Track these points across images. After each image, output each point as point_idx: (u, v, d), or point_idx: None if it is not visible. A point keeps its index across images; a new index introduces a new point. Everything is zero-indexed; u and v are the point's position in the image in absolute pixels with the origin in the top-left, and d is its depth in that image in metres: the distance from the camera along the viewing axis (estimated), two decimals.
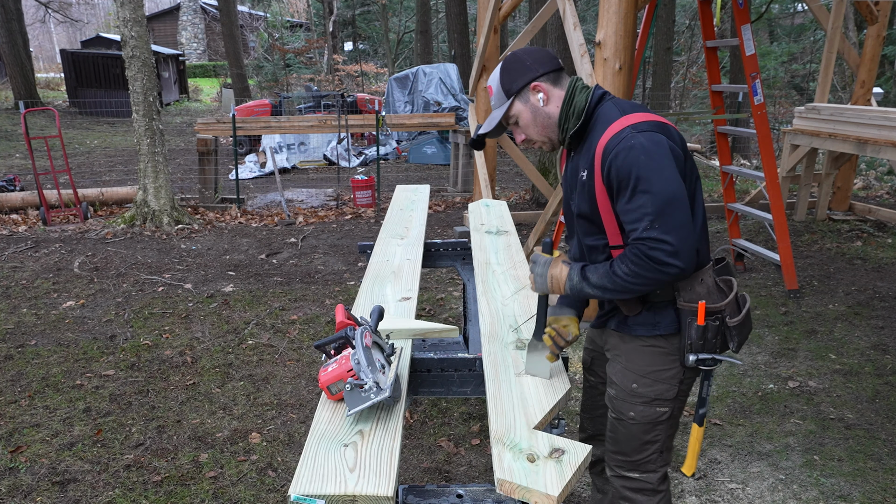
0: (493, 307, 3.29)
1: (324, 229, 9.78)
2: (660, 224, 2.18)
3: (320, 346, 2.52)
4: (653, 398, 2.52)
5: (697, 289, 2.40)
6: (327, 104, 18.39)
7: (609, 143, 2.28)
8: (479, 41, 8.30)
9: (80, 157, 16.54)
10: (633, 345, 2.54)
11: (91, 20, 58.22)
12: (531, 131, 2.50)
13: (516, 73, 2.45)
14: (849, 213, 9.51)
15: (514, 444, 2.17)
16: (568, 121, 2.43)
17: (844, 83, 17.49)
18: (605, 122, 2.35)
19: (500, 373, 2.65)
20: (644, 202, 2.20)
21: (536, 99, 2.44)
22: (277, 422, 4.60)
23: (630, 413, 2.56)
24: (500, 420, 2.32)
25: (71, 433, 4.46)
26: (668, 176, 2.20)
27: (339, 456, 2.13)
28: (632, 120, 2.29)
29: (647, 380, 2.51)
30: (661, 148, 2.23)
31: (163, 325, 6.24)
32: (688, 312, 2.40)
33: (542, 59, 2.46)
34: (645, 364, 2.52)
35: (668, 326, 2.46)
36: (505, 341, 2.91)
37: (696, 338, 2.40)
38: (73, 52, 27.15)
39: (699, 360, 2.43)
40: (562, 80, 2.47)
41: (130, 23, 9.18)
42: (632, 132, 2.25)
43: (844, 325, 5.98)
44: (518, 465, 2.06)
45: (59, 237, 9.21)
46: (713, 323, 2.40)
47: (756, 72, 6.47)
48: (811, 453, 4.13)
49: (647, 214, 2.20)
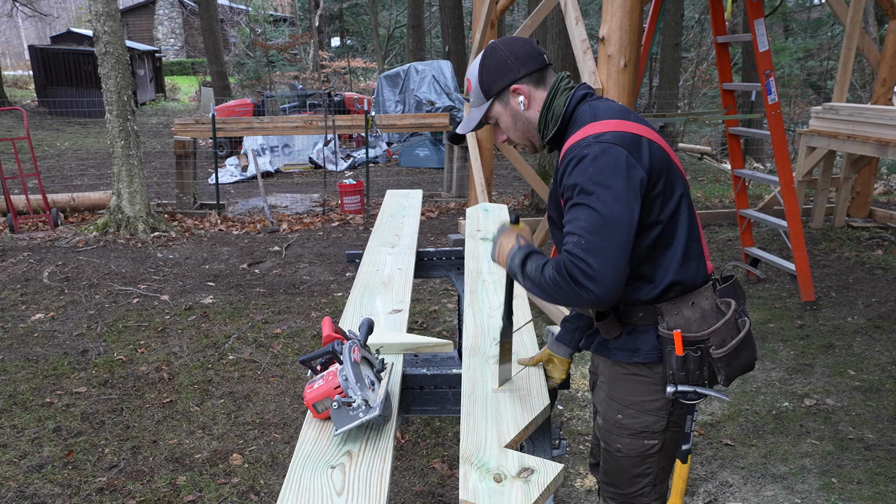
0: (479, 319, 3.32)
1: (309, 237, 9.79)
2: (586, 243, 2.13)
3: (306, 361, 2.53)
4: (640, 430, 2.47)
5: (686, 313, 2.35)
6: (313, 104, 18.42)
7: (568, 151, 2.27)
8: (474, 36, 8.33)
9: (49, 159, 16.54)
10: (615, 371, 2.50)
11: (61, 14, 58.30)
12: (512, 134, 2.50)
13: (496, 74, 2.42)
14: (869, 220, 9.53)
15: (482, 463, 2.20)
16: (546, 126, 2.42)
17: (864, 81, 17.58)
18: (577, 126, 2.33)
19: (476, 388, 2.67)
20: (579, 216, 2.17)
21: (517, 102, 2.43)
22: (260, 442, 4.60)
23: (617, 445, 2.52)
24: (471, 438, 2.34)
25: (40, 454, 4.46)
26: (614, 195, 2.14)
27: (325, 478, 2.13)
28: (598, 128, 2.25)
29: (632, 410, 2.47)
30: (617, 163, 2.17)
31: (138, 339, 6.24)
32: (667, 340, 2.35)
33: (525, 58, 2.41)
34: (628, 393, 2.47)
35: (649, 354, 2.41)
36: (486, 355, 2.92)
37: (677, 368, 2.34)
38: (43, 48, 27.11)
39: (678, 393, 2.35)
40: (545, 79, 2.43)
41: (103, 17, 9.19)
42: (592, 142, 2.22)
43: (864, 339, 6.00)
44: (483, 486, 2.08)
45: (27, 245, 9.20)
46: (693, 353, 2.33)
47: (770, 69, 6.50)
48: (829, 476, 4.15)
49: (580, 229, 2.16)
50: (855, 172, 9.33)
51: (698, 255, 2.39)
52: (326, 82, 29.33)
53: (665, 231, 2.29)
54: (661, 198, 2.27)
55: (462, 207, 11.42)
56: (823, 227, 9.35)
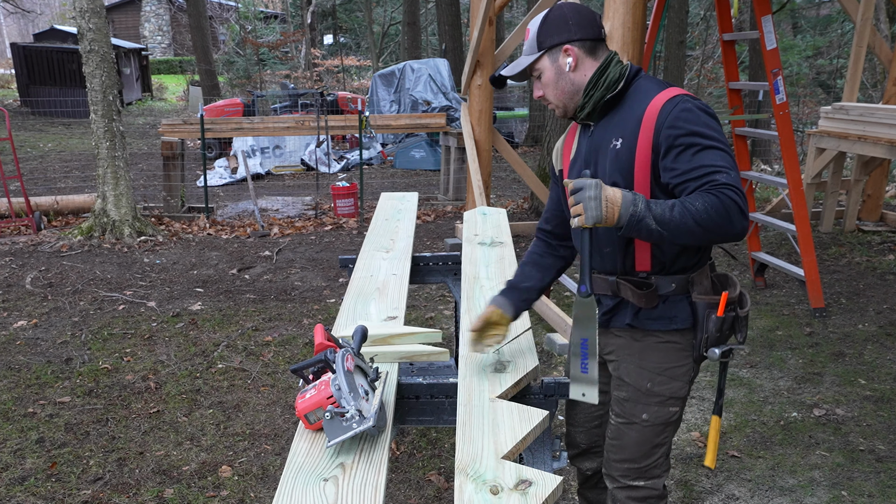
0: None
1: (301, 241, 9.80)
2: (735, 177, 2.34)
3: (297, 370, 2.53)
4: (668, 397, 2.72)
5: (705, 283, 2.66)
6: (305, 103, 18.43)
7: (665, 106, 2.46)
8: (472, 34, 8.35)
9: (32, 161, 16.54)
10: (648, 342, 2.71)
11: (45, 11, 58.31)
12: (549, 91, 2.68)
13: (555, 29, 2.62)
14: (880, 224, 9.56)
15: (478, 474, 2.20)
16: (597, 89, 2.60)
17: (875, 80, 17.63)
18: (648, 92, 2.55)
19: (473, 397, 2.67)
20: (716, 157, 2.36)
21: (564, 62, 2.62)
22: (250, 454, 4.60)
23: (643, 415, 2.74)
24: (467, 448, 2.34)
25: (22, 466, 4.46)
26: (726, 141, 2.42)
27: (318, 491, 2.13)
28: (679, 91, 2.51)
29: (663, 377, 2.70)
30: (714, 116, 2.47)
31: (124, 347, 6.24)
32: (704, 305, 2.63)
33: (585, 24, 2.62)
34: (660, 361, 2.70)
35: (685, 321, 2.66)
36: (484, 363, 2.93)
37: (714, 330, 2.62)
38: (25, 45, 27.09)
39: (723, 354, 2.64)
40: (598, 50, 2.64)
41: (88, 13, 9.20)
42: (687, 98, 2.48)
43: (875, 347, 6.02)
44: (479, 498, 2.09)
45: (9, 250, 9.20)
46: (731, 314, 2.64)
47: (778, 68, 6.51)
48: (839, 488, 4.15)
49: (724, 167, 2.35)
50: (866, 174, 9.34)
51: None
52: (319, 81, 29.36)
53: None
54: None
55: (459, 211, 11.43)
56: (833, 232, 9.37)
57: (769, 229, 9.17)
